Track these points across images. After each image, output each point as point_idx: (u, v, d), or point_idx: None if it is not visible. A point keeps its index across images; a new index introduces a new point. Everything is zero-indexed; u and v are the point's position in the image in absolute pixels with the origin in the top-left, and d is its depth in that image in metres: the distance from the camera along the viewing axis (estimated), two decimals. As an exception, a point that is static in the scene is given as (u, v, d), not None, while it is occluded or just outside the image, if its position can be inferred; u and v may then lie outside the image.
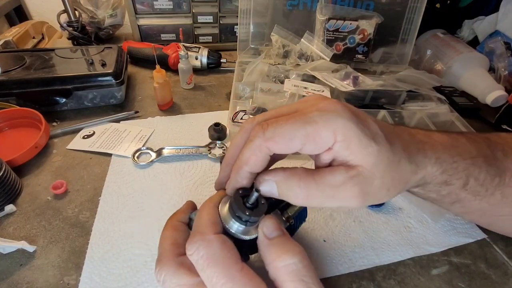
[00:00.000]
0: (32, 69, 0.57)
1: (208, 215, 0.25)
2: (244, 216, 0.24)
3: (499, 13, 0.73)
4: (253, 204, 0.25)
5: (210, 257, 0.22)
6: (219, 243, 0.23)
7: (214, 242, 0.23)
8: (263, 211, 0.25)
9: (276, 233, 0.24)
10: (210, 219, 0.25)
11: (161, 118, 0.59)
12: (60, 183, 0.43)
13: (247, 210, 0.24)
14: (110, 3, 0.82)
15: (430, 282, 0.35)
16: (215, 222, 0.24)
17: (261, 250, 0.24)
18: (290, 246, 0.23)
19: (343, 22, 0.65)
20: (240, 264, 0.22)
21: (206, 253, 0.22)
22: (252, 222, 0.24)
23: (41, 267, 0.35)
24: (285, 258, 0.22)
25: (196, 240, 0.23)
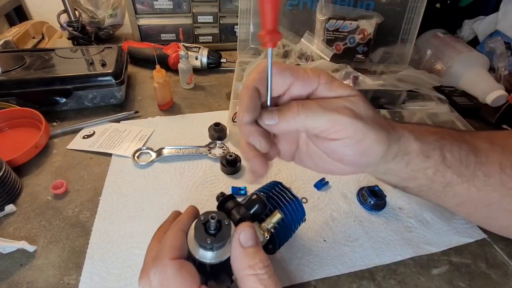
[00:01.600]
0: (32, 69, 0.57)
1: (169, 240, 0.26)
2: (207, 244, 0.24)
3: (499, 13, 0.73)
4: (215, 229, 0.25)
5: (165, 282, 0.23)
6: (174, 269, 0.23)
7: (169, 267, 0.23)
8: (228, 234, 0.25)
9: (251, 243, 0.25)
10: (171, 243, 0.25)
11: (161, 118, 0.59)
12: (60, 183, 0.43)
13: (208, 237, 0.24)
14: (110, 3, 0.82)
15: (430, 282, 0.35)
16: (175, 247, 0.25)
17: (234, 255, 0.25)
18: (262, 257, 0.24)
19: (343, 22, 0.65)
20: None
21: (161, 278, 0.23)
22: (217, 247, 0.25)
23: (41, 267, 0.35)
24: (255, 268, 0.24)
25: (154, 265, 0.24)
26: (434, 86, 0.62)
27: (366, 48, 0.68)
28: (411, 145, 0.26)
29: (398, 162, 0.27)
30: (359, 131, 0.23)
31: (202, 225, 0.25)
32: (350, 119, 0.23)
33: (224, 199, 0.29)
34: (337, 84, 0.25)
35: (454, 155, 0.27)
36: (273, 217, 0.29)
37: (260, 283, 0.23)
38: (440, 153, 0.27)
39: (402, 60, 0.72)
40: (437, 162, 0.27)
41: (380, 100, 0.60)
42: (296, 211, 0.33)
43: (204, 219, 0.25)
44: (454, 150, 0.27)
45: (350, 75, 0.59)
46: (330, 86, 0.25)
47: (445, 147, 0.27)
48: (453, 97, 0.65)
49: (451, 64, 0.69)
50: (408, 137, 0.26)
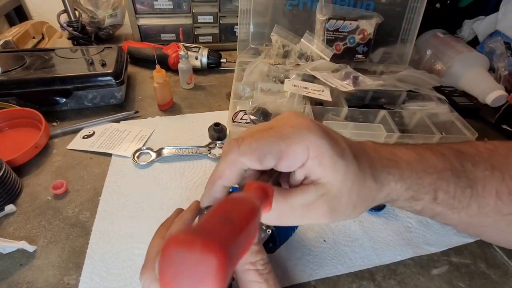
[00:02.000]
0: (32, 69, 0.57)
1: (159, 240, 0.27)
2: None
3: (499, 13, 0.73)
4: None
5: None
6: None
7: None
8: None
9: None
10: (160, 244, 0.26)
11: (161, 118, 0.59)
12: (60, 183, 0.43)
13: None
14: (110, 3, 0.82)
15: (430, 282, 0.35)
16: None
17: None
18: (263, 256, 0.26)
19: (343, 22, 0.65)
20: None
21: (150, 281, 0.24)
22: None
23: (41, 267, 0.35)
24: (256, 265, 0.25)
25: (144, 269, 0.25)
26: (434, 86, 0.62)
27: (366, 48, 0.68)
28: (401, 196, 0.26)
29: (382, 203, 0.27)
30: (333, 220, 0.24)
31: None
32: (326, 221, 0.23)
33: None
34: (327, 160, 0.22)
35: (449, 193, 0.27)
36: None
37: (260, 277, 0.25)
38: (433, 195, 0.26)
39: (402, 60, 0.72)
40: (427, 202, 0.27)
41: (380, 100, 0.60)
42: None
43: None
44: (451, 189, 0.27)
45: (350, 75, 0.59)
46: (319, 163, 0.22)
47: (441, 188, 0.26)
48: (453, 97, 0.65)
49: (451, 64, 0.69)
50: (398, 191, 0.26)
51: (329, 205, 0.23)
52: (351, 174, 0.23)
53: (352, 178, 0.23)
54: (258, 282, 0.25)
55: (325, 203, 0.23)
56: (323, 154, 0.22)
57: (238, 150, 0.22)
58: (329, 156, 0.22)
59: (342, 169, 0.22)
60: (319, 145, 0.22)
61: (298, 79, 0.59)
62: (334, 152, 0.22)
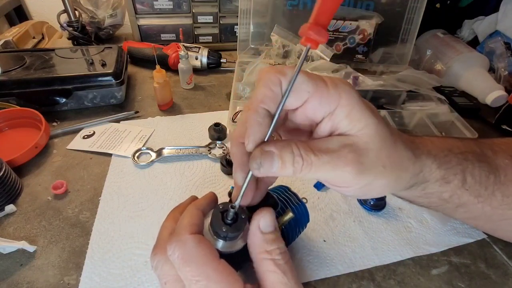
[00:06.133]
0: (32, 69, 0.57)
1: (188, 218, 0.26)
2: (221, 232, 0.24)
3: (499, 13, 0.73)
4: (232, 220, 0.25)
5: (185, 256, 0.23)
6: (194, 242, 0.23)
7: (189, 241, 0.23)
8: (243, 226, 0.25)
9: (270, 229, 0.25)
10: (189, 221, 0.25)
11: (161, 118, 0.59)
12: (60, 183, 0.43)
13: (224, 226, 0.24)
14: (110, 3, 0.82)
15: (430, 282, 0.35)
16: (193, 223, 0.25)
17: (252, 240, 0.25)
18: (279, 244, 0.25)
19: (343, 22, 0.65)
20: (216, 262, 0.23)
21: (181, 253, 0.23)
22: (230, 237, 0.25)
23: (41, 267, 0.35)
24: (272, 254, 0.24)
25: (173, 241, 0.24)
26: (434, 86, 0.62)
27: (366, 49, 0.68)
28: (432, 174, 0.25)
29: (413, 190, 0.26)
30: (363, 181, 0.22)
31: (220, 213, 0.25)
32: (352, 175, 0.22)
33: None
34: (357, 112, 0.22)
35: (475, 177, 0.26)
36: (285, 216, 0.29)
37: (277, 267, 0.24)
38: (462, 177, 0.26)
39: (402, 60, 0.72)
40: (456, 187, 0.26)
41: (380, 100, 0.60)
42: (302, 215, 0.34)
43: (223, 208, 0.26)
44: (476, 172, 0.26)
45: (350, 75, 0.59)
46: (348, 113, 0.22)
47: (467, 170, 0.26)
48: (453, 97, 0.65)
49: (451, 64, 0.69)
50: (430, 167, 0.25)
51: (355, 155, 0.22)
52: (382, 132, 0.22)
53: (382, 136, 0.22)
54: (274, 272, 0.23)
55: (350, 152, 0.22)
56: (353, 104, 0.22)
57: (277, 69, 0.22)
58: (359, 108, 0.22)
59: (371, 125, 0.22)
60: (352, 96, 0.22)
61: (298, 79, 0.59)
62: (365, 107, 0.22)
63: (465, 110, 0.62)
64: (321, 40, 0.20)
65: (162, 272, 0.25)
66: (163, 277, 0.25)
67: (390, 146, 0.23)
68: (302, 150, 0.21)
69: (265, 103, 0.22)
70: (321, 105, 0.22)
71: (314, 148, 0.22)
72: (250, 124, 0.22)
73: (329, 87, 0.22)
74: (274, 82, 0.22)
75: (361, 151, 0.22)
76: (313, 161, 0.21)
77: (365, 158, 0.22)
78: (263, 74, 0.22)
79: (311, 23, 0.19)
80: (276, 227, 0.26)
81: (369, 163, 0.22)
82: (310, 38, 0.19)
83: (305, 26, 0.20)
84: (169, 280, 0.24)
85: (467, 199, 0.27)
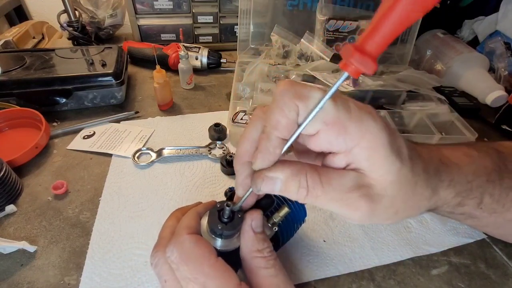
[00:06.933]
0: (32, 69, 0.57)
1: (187, 220, 0.27)
2: (217, 230, 0.25)
3: (499, 13, 0.73)
4: (228, 218, 0.26)
5: (183, 255, 0.24)
6: (191, 242, 0.24)
7: (186, 241, 0.24)
8: (238, 225, 0.26)
9: (260, 229, 0.26)
10: (188, 223, 0.26)
11: (161, 118, 0.59)
12: (60, 184, 0.43)
13: (220, 224, 0.25)
14: (110, 3, 0.82)
15: (430, 282, 0.36)
16: (191, 226, 0.26)
17: (244, 238, 0.26)
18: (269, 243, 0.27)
19: (343, 22, 0.65)
20: (213, 259, 0.24)
21: (179, 253, 0.24)
22: (226, 235, 0.26)
23: (42, 267, 0.35)
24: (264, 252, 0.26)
25: (171, 242, 0.25)
26: (434, 86, 0.62)
27: (366, 49, 0.68)
28: (448, 203, 0.24)
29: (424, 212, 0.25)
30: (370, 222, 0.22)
31: (216, 211, 0.26)
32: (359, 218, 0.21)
33: (232, 194, 0.30)
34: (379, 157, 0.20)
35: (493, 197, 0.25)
36: (281, 211, 0.29)
37: (268, 264, 0.25)
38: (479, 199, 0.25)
39: (402, 60, 0.72)
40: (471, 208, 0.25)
41: (380, 101, 0.60)
42: (299, 210, 0.34)
43: (219, 207, 0.26)
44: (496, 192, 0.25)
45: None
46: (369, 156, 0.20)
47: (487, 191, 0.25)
48: (453, 98, 0.65)
49: (451, 65, 0.69)
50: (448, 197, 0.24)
51: (368, 200, 0.20)
52: (403, 177, 0.20)
53: (402, 181, 0.20)
54: (265, 268, 0.25)
55: (363, 197, 0.20)
56: (377, 148, 0.19)
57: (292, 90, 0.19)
58: (384, 153, 0.19)
59: (394, 172, 0.20)
60: (377, 137, 0.19)
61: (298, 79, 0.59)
62: (391, 150, 0.19)
63: (465, 110, 0.62)
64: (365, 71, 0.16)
65: (162, 271, 0.25)
66: (163, 275, 0.25)
67: (408, 191, 0.21)
68: (310, 182, 0.20)
69: (279, 130, 0.20)
70: (336, 140, 0.20)
71: (325, 180, 0.20)
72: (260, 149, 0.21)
73: (352, 121, 0.19)
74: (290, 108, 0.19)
75: (376, 197, 0.20)
76: (319, 195, 0.20)
77: (378, 205, 0.20)
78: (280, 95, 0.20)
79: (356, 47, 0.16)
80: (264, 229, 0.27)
81: (381, 210, 0.21)
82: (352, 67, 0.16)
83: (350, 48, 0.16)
84: (169, 278, 0.24)
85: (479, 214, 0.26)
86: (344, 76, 0.17)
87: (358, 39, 0.16)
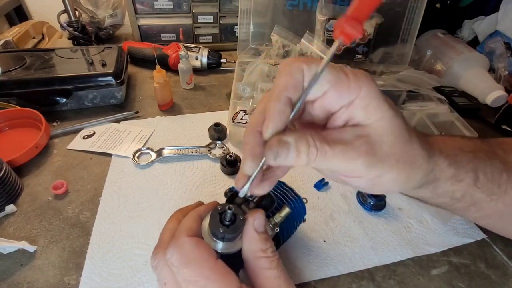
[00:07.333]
0: (32, 69, 0.57)
1: (187, 222, 0.27)
2: (219, 233, 0.25)
3: (499, 13, 0.73)
4: (230, 221, 0.25)
5: (183, 258, 0.24)
6: (191, 244, 0.24)
7: (186, 244, 0.24)
8: (240, 228, 0.26)
9: (263, 229, 0.26)
10: (188, 225, 0.26)
11: (161, 118, 0.59)
12: (60, 183, 0.43)
13: (222, 227, 0.25)
14: (110, 3, 0.82)
15: (430, 282, 0.36)
16: (191, 228, 0.26)
17: (247, 238, 0.26)
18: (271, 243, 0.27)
19: (343, 22, 0.65)
20: (213, 262, 0.24)
21: (179, 255, 0.24)
22: (228, 238, 0.25)
23: (42, 267, 0.35)
24: (267, 252, 0.26)
25: (171, 244, 0.25)
26: (434, 86, 0.62)
27: (366, 48, 0.68)
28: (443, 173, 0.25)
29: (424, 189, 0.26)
30: (374, 173, 0.22)
31: (218, 214, 0.26)
32: (364, 166, 0.22)
33: (232, 194, 0.29)
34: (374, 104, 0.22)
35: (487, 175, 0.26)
36: (282, 211, 0.29)
37: (271, 264, 0.25)
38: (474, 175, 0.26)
39: (402, 60, 0.72)
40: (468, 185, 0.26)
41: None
42: (299, 208, 0.34)
43: (221, 209, 0.26)
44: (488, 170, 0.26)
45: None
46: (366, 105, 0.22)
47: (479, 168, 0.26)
48: (453, 98, 0.65)
49: (451, 65, 0.69)
50: (441, 165, 0.25)
51: (369, 146, 0.22)
52: (397, 125, 0.22)
53: (398, 130, 0.22)
54: (269, 268, 0.25)
55: (363, 144, 0.22)
56: (371, 97, 0.22)
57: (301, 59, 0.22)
58: (377, 101, 0.22)
59: (388, 118, 0.22)
60: (372, 88, 0.22)
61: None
62: (383, 100, 0.22)
63: (465, 110, 0.62)
64: (356, 35, 0.20)
65: (162, 273, 0.25)
66: (163, 277, 0.25)
67: (405, 141, 0.23)
68: (317, 141, 0.21)
69: (288, 90, 0.22)
70: (340, 96, 0.22)
71: (329, 138, 0.22)
72: (271, 112, 0.22)
73: (350, 78, 0.22)
74: (298, 70, 0.22)
75: (375, 142, 0.22)
76: (327, 151, 0.21)
77: (378, 150, 0.22)
78: (286, 63, 0.22)
79: (347, 16, 0.19)
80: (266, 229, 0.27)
81: (382, 155, 0.22)
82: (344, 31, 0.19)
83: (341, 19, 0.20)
84: (169, 281, 0.24)
85: (479, 197, 0.27)
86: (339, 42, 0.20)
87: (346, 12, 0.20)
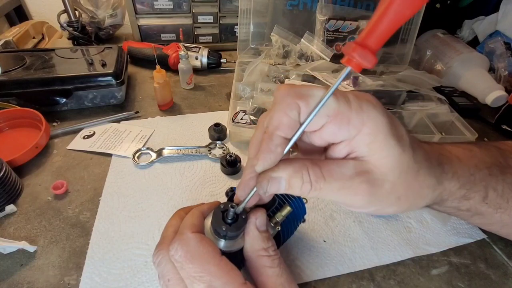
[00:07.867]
0: (32, 69, 0.57)
1: (191, 218, 0.26)
2: (221, 231, 0.25)
3: (499, 13, 0.73)
4: (232, 219, 0.26)
5: (188, 254, 0.23)
6: (196, 240, 0.24)
7: (191, 240, 0.24)
8: (242, 226, 0.26)
9: (265, 228, 0.27)
10: (191, 221, 0.26)
11: (161, 118, 0.59)
12: (60, 183, 0.43)
13: (224, 225, 0.25)
14: (110, 3, 0.82)
15: (430, 282, 0.36)
16: (195, 224, 0.26)
17: (249, 236, 0.26)
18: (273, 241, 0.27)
19: (343, 22, 0.65)
20: (218, 258, 0.24)
21: (184, 251, 0.24)
22: (230, 236, 0.26)
23: (42, 267, 0.35)
24: (269, 251, 0.26)
25: (175, 240, 0.24)
26: (434, 86, 0.62)
27: (366, 49, 0.68)
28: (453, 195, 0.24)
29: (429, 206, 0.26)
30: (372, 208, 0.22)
31: (220, 212, 0.26)
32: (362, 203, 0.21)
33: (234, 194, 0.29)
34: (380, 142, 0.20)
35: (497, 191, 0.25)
36: (283, 210, 0.29)
37: (273, 262, 0.26)
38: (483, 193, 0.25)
39: (402, 60, 0.72)
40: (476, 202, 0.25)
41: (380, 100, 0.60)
42: (299, 208, 0.34)
43: (223, 208, 0.26)
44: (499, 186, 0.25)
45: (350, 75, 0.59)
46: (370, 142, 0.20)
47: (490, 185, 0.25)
48: (453, 98, 0.65)
49: (451, 65, 0.69)
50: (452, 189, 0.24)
51: (368, 186, 0.20)
52: (404, 162, 0.21)
53: (403, 167, 0.21)
54: (271, 267, 0.25)
55: (363, 183, 0.20)
56: (377, 134, 0.20)
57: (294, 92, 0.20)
58: (384, 138, 0.20)
59: (393, 156, 0.20)
60: (378, 123, 0.20)
61: (298, 79, 0.59)
62: (391, 135, 0.20)
63: (465, 110, 0.62)
64: (366, 65, 0.17)
65: (165, 269, 0.25)
66: (166, 273, 0.25)
67: (410, 178, 0.21)
68: (312, 176, 0.21)
69: (281, 130, 0.21)
70: (340, 131, 0.21)
71: (326, 172, 0.21)
72: (262, 150, 0.21)
73: (352, 110, 0.20)
74: (292, 108, 0.20)
75: (376, 181, 0.21)
76: (322, 187, 0.21)
77: (378, 189, 0.21)
78: (280, 97, 0.21)
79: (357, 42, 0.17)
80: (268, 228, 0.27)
81: (382, 195, 0.21)
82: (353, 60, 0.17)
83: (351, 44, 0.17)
84: (172, 277, 0.24)
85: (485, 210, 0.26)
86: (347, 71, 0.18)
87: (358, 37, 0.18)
